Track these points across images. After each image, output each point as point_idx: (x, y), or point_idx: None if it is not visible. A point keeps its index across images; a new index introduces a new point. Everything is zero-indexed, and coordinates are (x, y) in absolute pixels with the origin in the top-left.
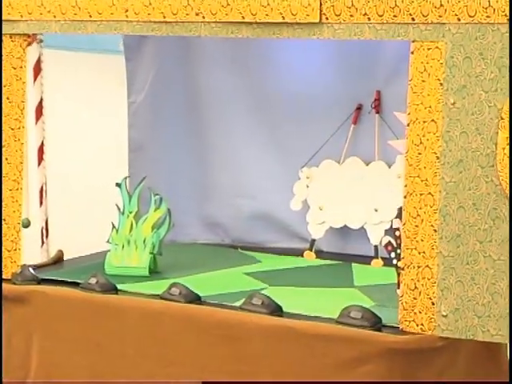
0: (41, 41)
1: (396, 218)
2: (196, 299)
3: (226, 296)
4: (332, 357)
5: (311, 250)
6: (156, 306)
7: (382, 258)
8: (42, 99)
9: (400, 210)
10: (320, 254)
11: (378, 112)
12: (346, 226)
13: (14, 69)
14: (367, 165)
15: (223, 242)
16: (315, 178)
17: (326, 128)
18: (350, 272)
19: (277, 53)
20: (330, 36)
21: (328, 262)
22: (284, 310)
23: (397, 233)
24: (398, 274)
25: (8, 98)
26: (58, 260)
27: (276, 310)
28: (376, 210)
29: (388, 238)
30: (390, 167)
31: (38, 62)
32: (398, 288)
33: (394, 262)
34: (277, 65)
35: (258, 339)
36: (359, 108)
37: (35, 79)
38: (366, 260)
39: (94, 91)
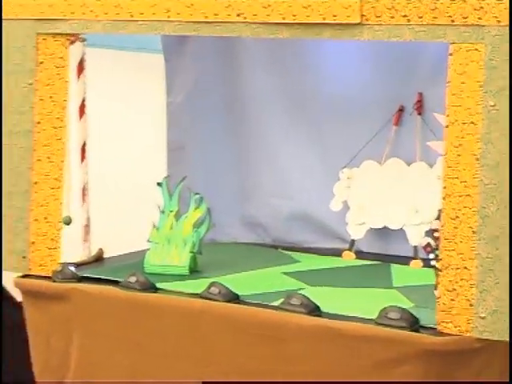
0: (83, 39)
1: (436, 219)
2: (235, 298)
3: (265, 295)
4: (369, 357)
5: (350, 251)
6: (195, 305)
7: (422, 259)
8: (84, 98)
9: (440, 211)
10: (359, 254)
11: (419, 113)
12: (385, 227)
13: (57, 68)
14: (408, 165)
15: (263, 242)
16: (356, 178)
17: (365, 129)
18: (389, 273)
19: (317, 53)
20: (369, 37)
21: (367, 262)
22: (322, 310)
23: (436, 234)
24: (437, 275)
25: (51, 97)
26: (99, 258)
27: (314, 310)
28: (416, 211)
29: (427, 239)
30: (431, 168)
31: (81, 61)
32: (436, 289)
33: (433, 263)
34: (317, 65)
35: (296, 339)
36: (401, 110)
37: (78, 78)
38: (405, 261)
39: (135, 90)
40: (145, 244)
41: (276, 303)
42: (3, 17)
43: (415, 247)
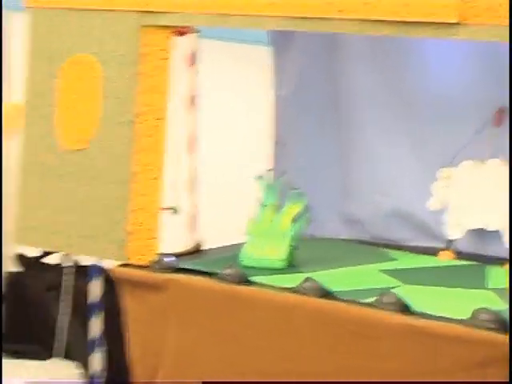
0: (197, 31)
1: None
2: (328, 294)
3: (360, 292)
4: (458, 358)
5: (447, 250)
6: (289, 300)
7: None
8: (194, 90)
9: None
10: (456, 254)
11: None
12: (481, 228)
13: (160, 60)
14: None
15: (361, 239)
16: (454, 178)
17: (465, 129)
18: (485, 274)
19: (419, 50)
20: (467, 36)
21: (463, 262)
22: (414, 309)
23: None
24: None
25: (153, 89)
26: (197, 250)
27: (405, 309)
28: None
29: None
30: None
31: (193, 53)
32: None
33: None
34: (419, 62)
35: (386, 337)
36: (502, 110)
37: (189, 69)
38: (501, 262)
39: (242, 82)
40: (243, 237)
41: (369, 300)
42: (112, 7)
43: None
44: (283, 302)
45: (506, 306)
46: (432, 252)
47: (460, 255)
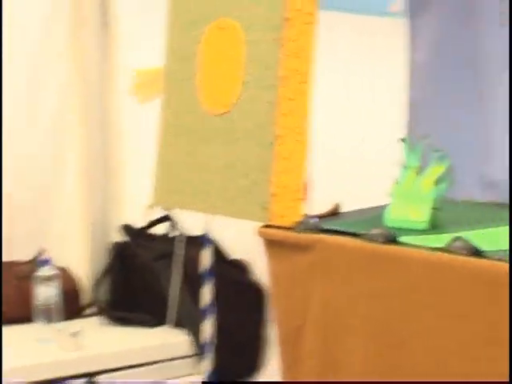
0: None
1: None
2: (479, 253)
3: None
4: None
5: None
6: (440, 259)
7: None
8: None
9: None
10: None
11: None
12: None
13: (305, 24)
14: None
15: (501, 201)
16: None
17: None
18: None
19: None
20: None
21: None
22: None
23: None
24: None
25: (296, 53)
26: (335, 212)
27: None
28: None
29: None
30: None
31: None
32: None
33: None
34: None
35: None
36: None
37: None
38: None
39: (375, 52)
40: (380, 200)
41: None
42: None
43: None
44: (434, 261)
45: None
46: None
47: None
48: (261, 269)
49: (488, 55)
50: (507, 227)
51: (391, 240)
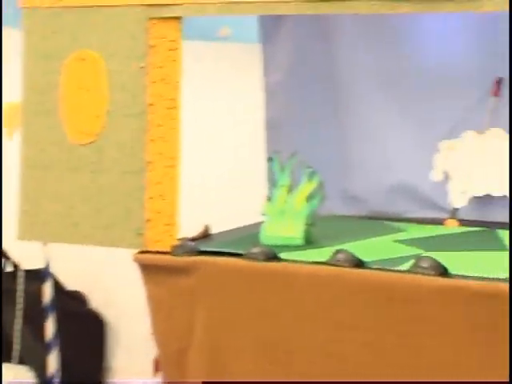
0: None
1: None
2: (362, 264)
3: (386, 261)
4: (506, 315)
5: (453, 219)
6: (324, 272)
7: None
8: None
9: None
10: (461, 222)
11: None
12: (487, 194)
13: (169, 51)
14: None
15: (362, 214)
16: (456, 149)
17: (463, 101)
18: (498, 237)
19: (416, 25)
20: (492, 8)
21: (472, 229)
22: (451, 271)
23: None
24: None
25: (163, 79)
26: (206, 234)
27: (444, 272)
28: None
29: None
30: None
31: None
32: None
33: None
34: (416, 37)
35: (429, 300)
36: (499, 82)
37: None
38: (508, 226)
39: (233, 76)
40: (247, 220)
41: (401, 268)
42: (115, 3)
43: None
44: (318, 275)
45: None
46: (437, 222)
47: (465, 222)
48: (99, 299)
49: (342, 74)
50: (380, 238)
51: (272, 257)
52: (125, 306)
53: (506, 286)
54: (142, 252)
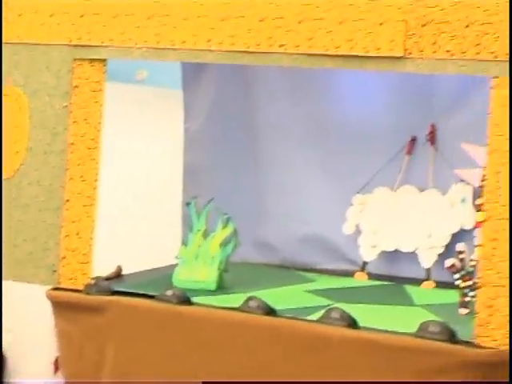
0: None
1: (459, 242)
2: (273, 312)
3: (297, 310)
4: (411, 368)
5: (362, 272)
6: (236, 318)
7: (434, 281)
8: None
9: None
10: (370, 275)
11: (432, 143)
12: (396, 250)
13: (92, 92)
14: (421, 192)
15: (272, 263)
16: (369, 203)
17: (379, 157)
18: (406, 292)
19: (334, 82)
20: (412, 70)
21: (380, 282)
22: (361, 323)
23: (461, 256)
24: (463, 294)
25: (85, 120)
26: (118, 275)
27: (353, 324)
28: (429, 236)
29: (452, 261)
30: (443, 195)
31: None
32: (461, 307)
33: (457, 282)
34: (333, 94)
35: (338, 351)
36: (414, 139)
37: None
38: (415, 282)
39: (153, 121)
40: (160, 262)
41: (311, 317)
42: (41, 42)
43: (428, 269)
44: (230, 320)
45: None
46: (346, 274)
47: (374, 276)
48: None
49: (262, 124)
50: (292, 287)
51: (184, 301)
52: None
53: (412, 340)
54: (55, 289)
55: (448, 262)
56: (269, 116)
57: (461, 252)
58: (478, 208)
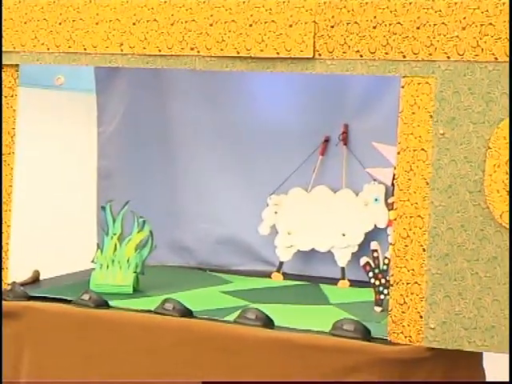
0: None
1: (373, 241)
2: (189, 314)
3: (213, 312)
4: (327, 367)
5: (279, 272)
6: (152, 321)
7: (348, 280)
8: None
9: (367, 234)
10: (286, 275)
11: (345, 144)
12: (313, 249)
13: (5, 97)
14: (334, 192)
15: (188, 265)
16: (283, 204)
17: (293, 158)
18: (321, 291)
19: (247, 84)
20: (322, 71)
21: (297, 282)
22: (277, 323)
23: (375, 254)
24: (377, 293)
25: None
26: (35, 279)
27: (269, 324)
28: (343, 235)
29: (366, 259)
30: (357, 195)
31: None
32: (376, 305)
33: (372, 280)
34: (246, 95)
35: (253, 351)
36: (327, 140)
37: None
38: (330, 281)
39: (66, 126)
40: (76, 267)
41: (228, 318)
42: None
43: (343, 268)
44: (145, 323)
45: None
46: (262, 275)
47: (291, 276)
48: None
49: (175, 128)
50: (208, 288)
51: (102, 304)
52: None
53: (327, 338)
54: None
55: (362, 261)
56: (182, 119)
57: (374, 250)
58: (391, 207)
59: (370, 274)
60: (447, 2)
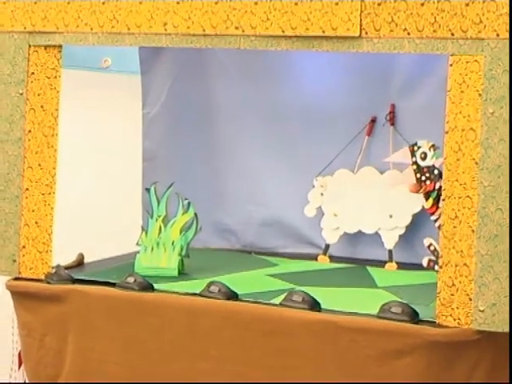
0: None
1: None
2: (235, 297)
3: (259, 295)
4: (374, 349)
5: (325, 255)
6: (197, 304)
7: (396, 262)
8: None
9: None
10: (333, 258)
11: (392, 124)
12: (359, 231)
13: (48, 78)
14: (381, 173)
15: (234, 248)
16: (330, 186)
17: (339, 139)
18: (369, 274)
19: (291, 66)
20: (369, 50)
21: (343, 265)
22: (324, 306)
23: (431, 248)
24: None
25: (42, 107)
26: (80, 263)
27: (316, 307)
28: (390, 216)
29: (430, 240)
30: (403, 176)
31: None
32: None
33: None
34: (291, 77)
35: (299, 334)
36: (373, 120)
37: None
38: (377, 264)
39: (113, 107)
40: (121, 250)
41: (274, 301)
42: None
43: (390, 250)
44: (190, 306)
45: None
46: (309, 257)
47: (337, 259)
48: None
49: (219, 109)
50: (253, 271)
51: (147, 287)
52: None
53: (374, 321)
54: (16, 279)
55: (426, 242)
56: (225, 101)
57: (429, 246)
58: (415, 188)
59: (436, 268)
60: None
